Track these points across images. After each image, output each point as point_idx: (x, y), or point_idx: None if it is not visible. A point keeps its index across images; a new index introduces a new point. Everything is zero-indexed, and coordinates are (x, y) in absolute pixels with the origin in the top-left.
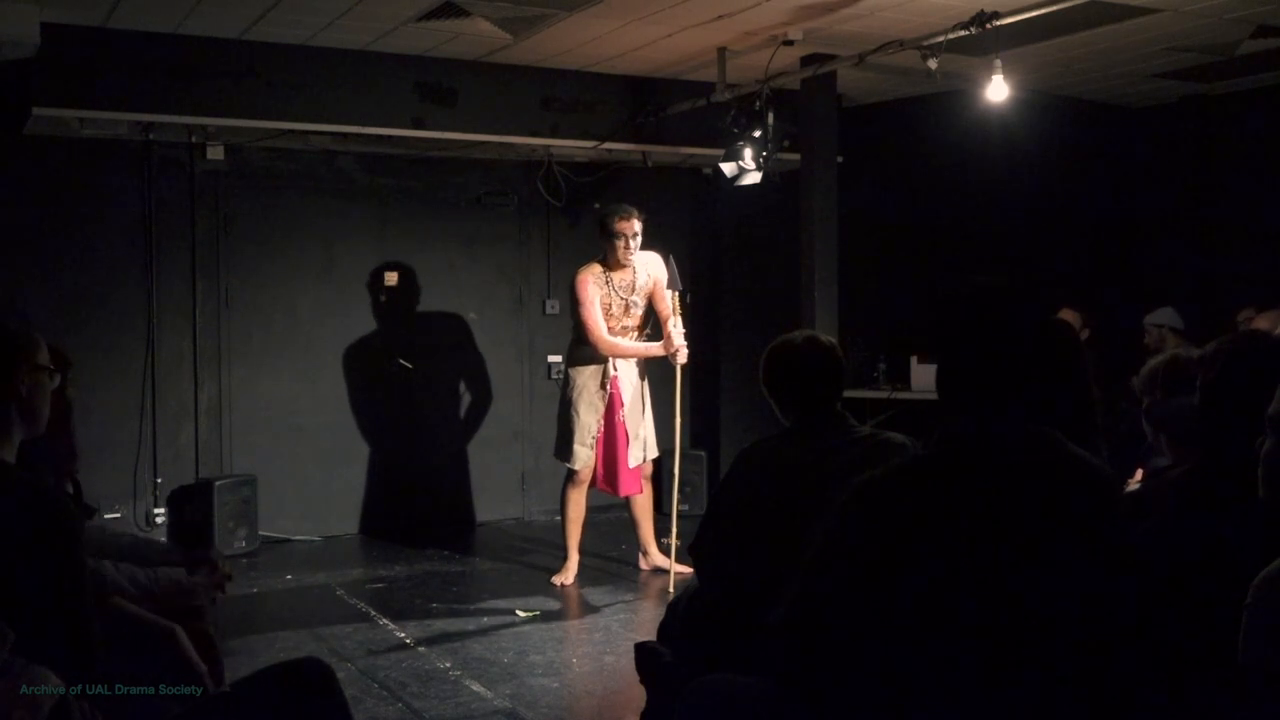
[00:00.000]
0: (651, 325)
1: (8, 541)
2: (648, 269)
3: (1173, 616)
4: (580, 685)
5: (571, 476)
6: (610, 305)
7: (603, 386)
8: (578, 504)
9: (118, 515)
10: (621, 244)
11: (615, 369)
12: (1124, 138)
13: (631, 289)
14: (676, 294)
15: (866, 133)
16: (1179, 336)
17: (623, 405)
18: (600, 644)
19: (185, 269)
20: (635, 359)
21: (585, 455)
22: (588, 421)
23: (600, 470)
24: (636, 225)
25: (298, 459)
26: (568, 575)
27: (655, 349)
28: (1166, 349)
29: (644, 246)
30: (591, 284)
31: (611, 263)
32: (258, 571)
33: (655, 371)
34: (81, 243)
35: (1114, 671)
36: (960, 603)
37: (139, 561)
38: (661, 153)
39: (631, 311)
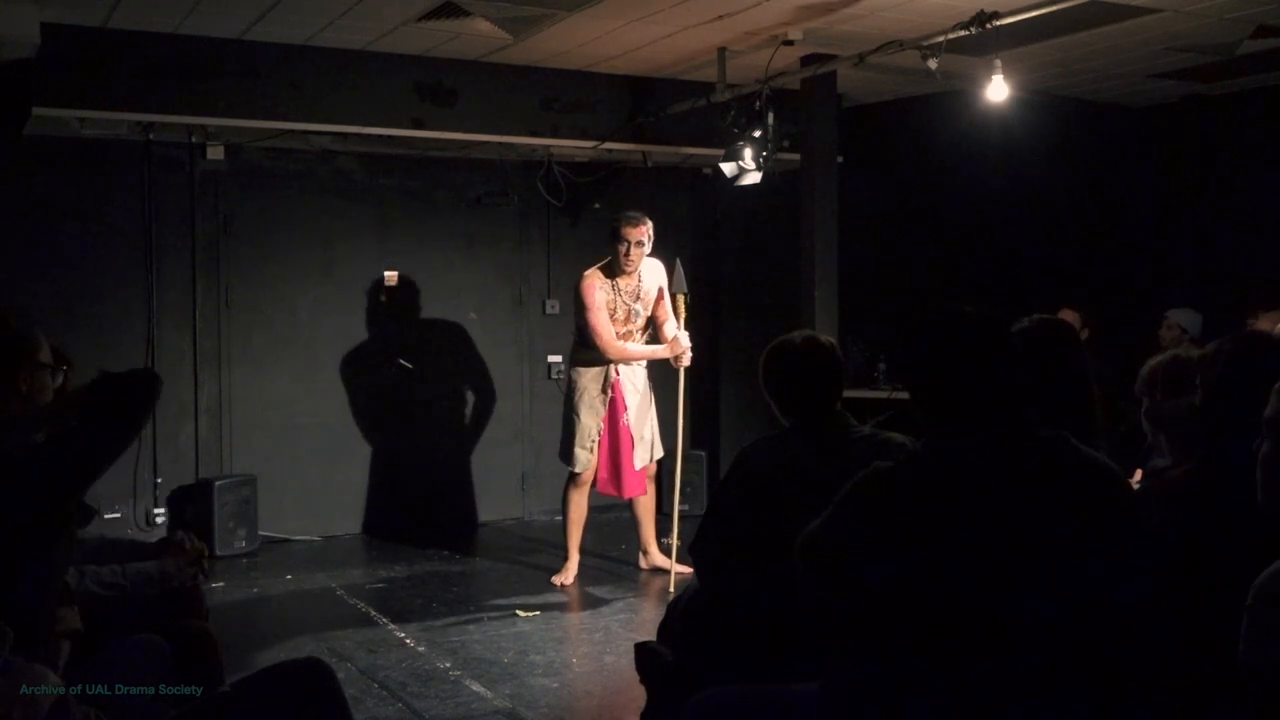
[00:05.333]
0: (650, 330)
1: None
2: (653, 275)
3: (1172, 617)
4: (580, 685)
5: (573, 478)
6: (615, 310)
7: (604, 390)
8: (579, 505)
9: (118, 515)
10: (623, 249)
11: (617, 372)
12: (1124, 138)
13: (636, 294)
14: (681, 296)
15: (866, 133)
16: (1188, 340)
17: (626, 409)
18: (600, 644)
19: (185, 269)
20: (642, 361)
21: (585, 458)
22: (589, 424)
23: (604, 473)
24: (643, 232)
25: (298, 459)
26: (568, 575)
27: (662, 351)
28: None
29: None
30: (598, 289)
31: (615, 268)
32: (258, 571)
33: (655, 373)
34: (81, 243)
35: (1114, 672)
36: (961, 600)
37: (107, 562)
38: (661, 153)
39: (635, 317)
